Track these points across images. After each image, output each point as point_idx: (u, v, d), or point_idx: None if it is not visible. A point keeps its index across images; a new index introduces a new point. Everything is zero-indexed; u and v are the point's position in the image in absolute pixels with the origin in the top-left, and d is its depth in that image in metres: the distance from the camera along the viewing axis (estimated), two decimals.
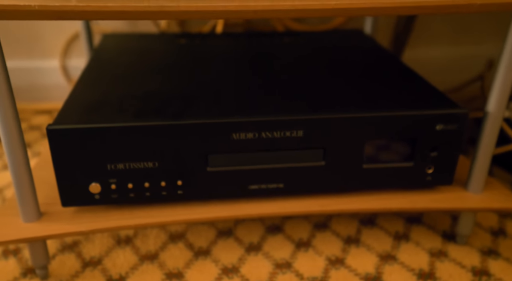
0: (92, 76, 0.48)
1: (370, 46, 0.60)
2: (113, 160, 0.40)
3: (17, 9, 0.31)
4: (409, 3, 0.34)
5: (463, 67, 0.84)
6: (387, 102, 0.43)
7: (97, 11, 0.32)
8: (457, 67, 0.84)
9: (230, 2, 0.34)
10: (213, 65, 0.51)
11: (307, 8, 0.34)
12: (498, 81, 0.40)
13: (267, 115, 0.40)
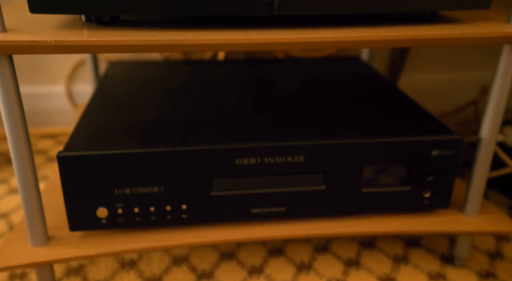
0: (100, 103, 0.50)
1: (367, 72, 0.62)
2: (120, 185, 0.41)
3: (34, 44, 0.33)
4: (403, 36, 0.36)
5: (459, 92, 0.86)
6: (384, 128, 0.44)
7: (109, 45, 0.34)
8: (452, 92, 0.86)
9: (234, 36, 0.36)
10: (215, 92, 0.53)
11: (306, 41, 0.36)
12: (490, 109, 0.42)
13: (269, 141, 0.42)
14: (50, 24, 0.37)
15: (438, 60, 0.84)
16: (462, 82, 0.86)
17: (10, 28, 0.35)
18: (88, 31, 0.36)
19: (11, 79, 0.35)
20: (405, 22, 0.40)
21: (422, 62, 0.84)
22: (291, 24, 0.39)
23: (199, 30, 0.37)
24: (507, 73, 0.40)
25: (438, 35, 0.36)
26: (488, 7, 0.38)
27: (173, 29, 0.37)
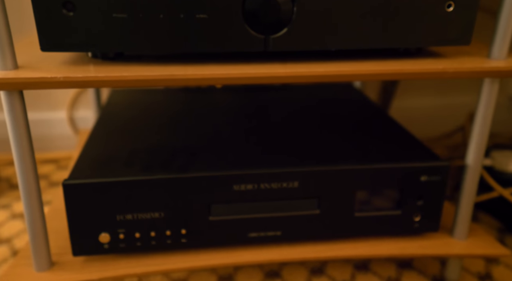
0: (103, 131, 0.52)
1: (358, 99, 0.64)
2: (122, 211, 0.43)
3: (44, 81, 0.35)
4: (390, 71, 0.39)
5: (450, 116, 0.89)
6: (375, 155, 0.46)
7: (114, 80, 0.36)
8: (443, 116, 0.89)
9: (232, 70, 0.38)
10: (213, 118, 0.56)
11: (299, 75, 0.38)
12: (474, 137, 0.45)
13: (265, 167, 0.44)
14: (59, 60, 0.39)
15: (428, 86, 0.87)
16: (453, 106, 0.89)
17: (21, 65, 0.37)
18: (95, 66, 0.38)
19: (22, 113, 0.37)
20: (392, 56, 0.43)
21: (412, 88, 0.87)
22: (285, 58, 0.42)
23: (198, 64, 0.39)
24: (489, 103, 0.43)
25: (422, 70, 0.39)
26: (468, 43, 0.40)
27: (173, 63, 0.39)
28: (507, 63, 0.40)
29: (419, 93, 0.87)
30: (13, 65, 0.36)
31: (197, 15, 0.37)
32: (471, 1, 0.39)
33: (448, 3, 0.39)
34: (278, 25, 0.39)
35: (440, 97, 0.88)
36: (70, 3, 0.35)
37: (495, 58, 0.41)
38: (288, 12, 0.38)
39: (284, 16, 0.38)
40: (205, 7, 0.37)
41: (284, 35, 0.39)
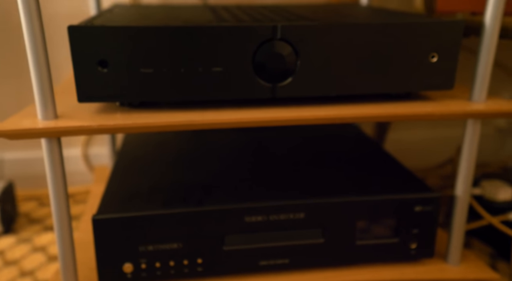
0: (123, 169, 0.56)
1: (356, 134, 0.70)
2: (144, 243, 0.47)
3: (81, 129, 0.40)
4: (383, 113, 0.44)
5: (441, 148, 0.94)
6: (373, 187, 0.51)
7: (140, 126, 0.41)
8: (435, 148, 0.94)
9: (244, 115, 0.43)
10: (222, 155, 0.60)
11: (302, 118, 0.44)
12: (461, 171, 0.49)
13: (273, 200, 0.48)
14: (90, 108, 0.45)
15: (420, 120, 0.93)
16: (444, 139, 0.94)
17: (59, 114, 0.42)
18: (122, 114, 0.43)
19: (59, 156, 0.42)
20: (385, 99, 0.48)
21: (405, 122, 0.92)
22: (291, 103, 0.47)
23: (214, 109, 0.44)
24: (473, 140, 0.48)
25: (412, 113, 0.44)
26: (451, 88, 0.46)
27: (191, 108, 0.45)
28: (486, 106, 0.45)
29: (412, 126, 0.93)
30: (54, 115, 0.41)
31: (213, 68, 0.43)
32: (451, 53, 0.45)
33: (432, 55, 0.45)
34: (284, 75, 0.44)
35: (432, 130, 0.94)
36: (105, 62, 0.41)
37: (476, 101, 0.46)
38: (292, 64, 0.44)
39: (289, 67, 0.44)
40: (220, 61, 0.42)
41: (289, 83, 0.44)
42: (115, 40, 0.40)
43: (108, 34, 0.40)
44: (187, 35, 0.41)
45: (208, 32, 0.41)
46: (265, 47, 0.43)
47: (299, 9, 0.59)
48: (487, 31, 0.44)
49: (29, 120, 0.41)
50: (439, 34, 0.44)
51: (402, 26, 0.43)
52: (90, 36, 0.39)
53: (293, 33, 0.42)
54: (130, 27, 0.40)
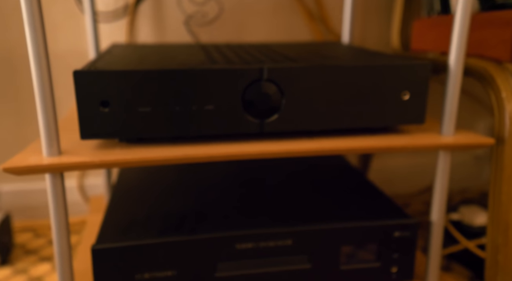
0: (119, 201, 0.59)
1: (340, 163, 0.74)
2: (141, 271, 0.49)
3: (83, 164, 0.43)
4: (363, 146, 0.48)
5: (423, 174, 0.99)
6: (357, 215, 0.55)
7: (140, 161, 0.45)
8: (418, 174, 0.99)
9: (233, 149, 0.47)
10: (214, 184, 0.64)
11: (289, 151, 0.47)
12: (435, 199, 0.53)
13: (262, 228, 0.51)
14: (91, 144, 0.48)
15: None
16: (426, 165, 0.99)
17: (63, 150, 0.46)
18: (121, 149, 0.47)
19: (61, 189, 0.45)
20: (364, 132, 0.52)
21: None
22: (278, 136, 0.51)
23: (206, 143, 0.48)
24: (444, 171, 0.52)
25: (388, 145, 0.48)
26: (423, 122, 0.50)
27: (185, 143, 0.48)
28: (455, 139, 0.50)
29: (395, 154, 0.97)
30: (58, 152, 0.44)
31: (205, 106, 0.47)
32: (421, 92, 0.49)
33: (404, 93, 0.49)
34: (270, 112, 0.48)
35: (414, 157, 0.98)
36: (106, 102, 0.44)
37: (445, 134, 0.51)
38: (278, 102, 0.48)
39: (275, 105, 0.48)
40: (212, 100, 0.46)
41: (276, 119, 0.48)
42: (116, 82, 0.44)
43: (110, 78, 0.44)
44: (182, 77, 0.45)
45: (201, 74, 0.46)
46: (253, 87, 0.47)
47: (284, 49, 0.64)
48: (451, 71, 0.49)
49: (34, 156, 0.44)
50: (410, 75, 0.49)
51: (377, 67, 0.48)
52: (93, 79, 0.43)
53: (278, 74, 0.47)
54: (130, 71, 0.44)
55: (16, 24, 0.77)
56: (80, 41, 0.81)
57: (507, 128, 0.48)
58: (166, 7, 0.82)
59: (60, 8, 0.79)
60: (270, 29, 0.86)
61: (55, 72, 0.82)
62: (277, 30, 0.86)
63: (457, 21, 0.47)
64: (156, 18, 0.82)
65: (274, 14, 0.85)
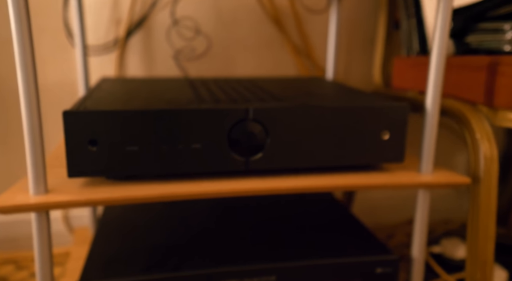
0: (104, 236, 0.59)
1: (324, 196, 0.75)
2: None
3: (70, 203, 0.44)
4: (345, 183, 0.50)
5: (408, 205, 1.01)
6: (339, 250, 0.55)
7: (125, 199, 0.45)
8: (402, 205, 1.00)
9: (219, 187, 0.48)
10: (198, 220, 0.64)
11: (273, 188, 0.49)
12: (416, 236, 0.55)
13: (247, 264, 0.52)
14: (79, 180, 0.49)
15: None
16: (412, 195, 1.00)
17: (49, 188, 0.46)
18: (108, 187, 0.47)
19: (47, 227, 0.45)
20: (347, 169, 0.54)
21: None
22: (263, 174, 0.52)
23: (192, 180, 0.49)
24: (424, 208, 0.53)
25: (369, 183, 0.50)
26: (402, 161, 0.52)
27: (171, 180, 0.49)
28: (433, 177, 0.52)
29: None
30: (45, 190, 0.45)
31: (192, 145, 0.48)
32: (400, 132, 0.51)
33: (384, 133, 0.51)
34: (255, 150, 0.50)
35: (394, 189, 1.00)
36: (94, 141, 0.45)
37: (424, 172, 0.53)
38: (263, 140, 0.49)
39: (260, 143, 0.49)
40: (198, 139, 0.48)
41: (260, 158, 0.50)
42: (105, 122, 0.45)
43: (99, 118, 0.45)
44: (169, 117, 0.46)
45: (188, 114, 0.47)
46: (238, 126, 0.49)
47: (270, 85, 0.66)
48: (428, 112, 0.51)
49: (21, 195, 0.44)
50: (389, 116, 0.51)
51: (358, 109, 0.50)
52: (82, 119, 0.44)
53: (263, 114, 0.49)
54: (119, 111, 0.45)
55: (6, 57, 0.79)
56: (70, 74, 0.82)
57: (482, 168, 0.50)
58: (156, 42, 0.84)
59: (50, 41, 0.80)
60: (258, 63, 0.88)
61: (44, 105, 0.82)
62: (264, 64, 0.89)
63: (432, 64, 0.50)
64: (146, 52, 0.84)
65: (262, 49, 0.88)
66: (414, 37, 0.70)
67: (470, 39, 0.59)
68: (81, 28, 0.73)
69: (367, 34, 0.90)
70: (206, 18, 0.84)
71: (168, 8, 0.83)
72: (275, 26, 0.87)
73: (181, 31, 0.84)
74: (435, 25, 0.49)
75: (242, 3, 0.85)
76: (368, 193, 0.98)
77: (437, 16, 0.49)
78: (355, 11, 0.89)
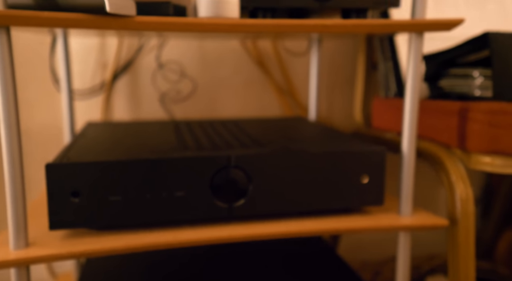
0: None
1: (312, 239, 0.75)
2: None
3: (51, 258, 0.44)
4: (328, 228, 0.50)
5: (392, 242, 1.01)
6: None
7: (108, 250, 0.45)
8: (390, 240, 1.01)
9: (202, 234, 0.48)
10: (183, 265, 0.64)
11: (257, 235, 0.49)
12: (399, 273, 0.55)
13: None
14: (62, 233, 0.48)
15: None
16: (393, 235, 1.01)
17: (30, 241, 0.46)
18: (90, 237, 0.47)
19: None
20: (329, 213, 0.55)
21: None
22: (246, 219, 0.52)
23: (175, 228, 0.49)
24: (405, 249, 0.54)
25: (350, 227, 0.51)
26: (382, 204, 0.53)
27: (155, 228, 0.49)
28: (412, 220, 0.53)
29: None
30: (25, 244, 0.44)
31: (175, 193, 0.49)
32: (379, 175, 0.53)
33: (363, 176, 0.52)
34: (238, 196, 0.50)
35: None
36: (77, 192, 0.46)
37: (404, 214, 0.54)
38: (245, 187, 0.50)
39: (242, 190, 0.50)
40: (181, 186, 0.48)
41: (243, 204, 0.50)
42: (87, 173, 0.45)
43: (82, 169, 0.45)
44: (152, 166, 0.47)
45: (171, 162, 0.48)
46: (221, 173, 0.49)
47: (253, 127, 0.67)
48: (405, 156, 0.53)
49: (1, 250, 0.44)
50: (367, 160, 0.52)
51: (337, 153, 0.51)
52: (65, 171, 0.45)
53: (245, 161, 0.50)
54: (101, 162, 0.46)
55: None
56: (56, 118, 0.83)
57: (459, 210, 0.51)
58: (142, 85, 0.86)
59: (37, 86, 0.81)
60: (242, 103, 0.90)
61: (29, 149, 0.82)
62: (249, 104, 0.91)
63: (407, 109, 0.52)
64: (132, 95, 0.85)
65: (246, 90, 0.90)
66: (391, 79, 0.73)
67: (443, 83, 0.62)
68: (67, 73, 0.74)
69: (347, 75, 0.93)
70: (191, 61, 0.87)
71: (153, 53, 0.85)
72: (259, 68, 0.90)
73: (166, 74, 0.86)
74: (407, 71, 0.51)
75: (226, 47, 0.88)
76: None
77: (409, 62, 0.51)
78: (335, 53, 0.92)
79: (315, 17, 0.65)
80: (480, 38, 0.53)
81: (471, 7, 0.76)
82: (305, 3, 0.49)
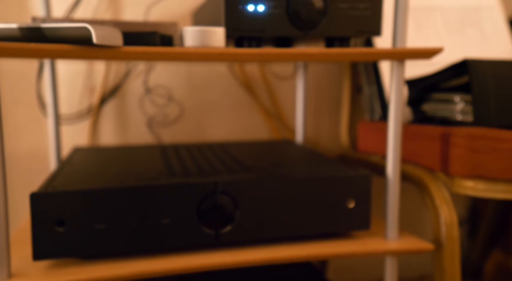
0: None
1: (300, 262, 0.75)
2: None
3: None
4: (314, 254, 0.50)
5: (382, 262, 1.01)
6: None
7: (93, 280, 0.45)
8: (377, 262, 1.01)
9: (189, 262, 0.48)
10: None
11: (245, 261, 0.49)
12: None
13: None
14: (46, 262, 0.48)
15: None
16: None
17: (13, 272, 0.45)
18: (75, 267, 0.47)
19: None
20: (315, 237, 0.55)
21: None
22: (233, 246, 0.52)
23: (160, 255, 0.49)
24: (392, 272, 0.54)
25: (338, 252, 0.51)
26: (368, 228, 0.54)
27: (140, 256, 0.49)
28: (399, 244, 0.53)
29: None
30: (8, 275, 0.44)
31: (161, 220, 0.48)
32: (365, 200, 0.53)
33: (349, 201, 0.53)
34: (225, 223, 0.50)
35: None
36: (62, 221, 0.45)
37: (390, 239, 0.54)
38: (232, 212, 0.50)
39: (229, 216, 0.50)
40: (167, 214, 0.48)
41: (230, 230, 0.50)
42: (72, 202, 0.45)
43: (67, 198, 0.45)
44: (138, 194, 0.47)
45: (157, 189, 0.48)
46: (208, 199, 0.50)
47: (241, 151, 0.68)
48: (390, 180, 0.54)
49: None
50: (353, 185, 0.53)
51: (323, 179, 0.52)
52: (50, 201, 0.45)
53: (231, 187, 0.50)
54: (86, 191, 0.46)
55: None
56: (42, 142, 0.82)
57: (443, 234, 0.52)
58: (129, 109, 0.86)
59: (23, 110, 0.81)
60: (231, 126, 0.91)
61: (14, 173, 0.82)
62: (237, 127, 0.91)
63: (390, 135, 0.53)
64: (119, 119, 0.86)
65: (234, 113, 0.91)
66: (376, 103, 0.74)
67: (426, 107, 0.63)
68: (54, 98, 0.74)
69: (333, 98, 0.95)
70: (178, 85, 0.87)
71: (141, 77, 0.85)
72: (246, 91, 0.91)
73: (153, 98, 0.86)
74: (390, 96, 0.53)
75: (213, 71, 0.89)
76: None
77: (391, 88, 0.52)
78: (321, 77, 0.94)
79: (300, 44, 0.66)
80: (460, 65, 0.55)
81: (452, 32, 0.78)
82: (289, 33, 0.50)
